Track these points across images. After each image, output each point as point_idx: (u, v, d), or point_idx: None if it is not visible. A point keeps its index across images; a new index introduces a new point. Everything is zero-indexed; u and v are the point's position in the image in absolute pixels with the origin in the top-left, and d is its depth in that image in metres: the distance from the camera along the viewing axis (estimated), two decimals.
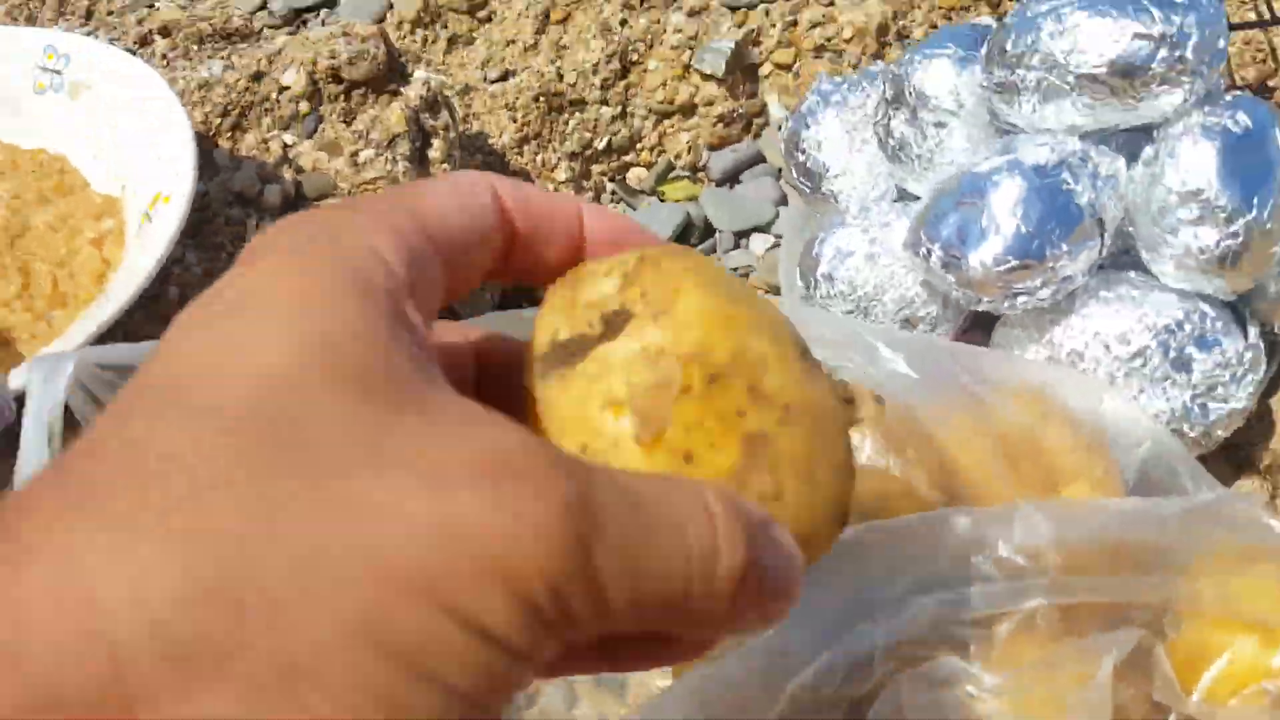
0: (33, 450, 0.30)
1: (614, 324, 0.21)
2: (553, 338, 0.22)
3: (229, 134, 0.59)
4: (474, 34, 0.79)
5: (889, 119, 0.60)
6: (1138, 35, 0.51)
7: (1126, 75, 0.52)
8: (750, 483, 0.21)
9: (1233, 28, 0.68)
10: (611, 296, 0.22)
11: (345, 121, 0.60)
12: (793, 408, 0.21)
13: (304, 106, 0.60)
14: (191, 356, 0.16)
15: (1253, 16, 0.70)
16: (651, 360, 0.21)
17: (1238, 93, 0.55)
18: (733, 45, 0.76)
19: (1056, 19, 0.52)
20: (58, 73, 0.53)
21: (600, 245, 0.23)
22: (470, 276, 0.21)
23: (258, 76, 0.61)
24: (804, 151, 0.66)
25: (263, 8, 0.85)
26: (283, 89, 0.60)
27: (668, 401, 0.20)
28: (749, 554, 0.18)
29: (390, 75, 0.63)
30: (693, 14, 0.80)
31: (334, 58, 0.61)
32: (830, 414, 0.23)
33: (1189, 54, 0.52)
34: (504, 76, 0.76)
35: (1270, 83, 0.69)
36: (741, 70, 0.78)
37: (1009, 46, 0.54)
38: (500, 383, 0.23)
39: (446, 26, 0.79)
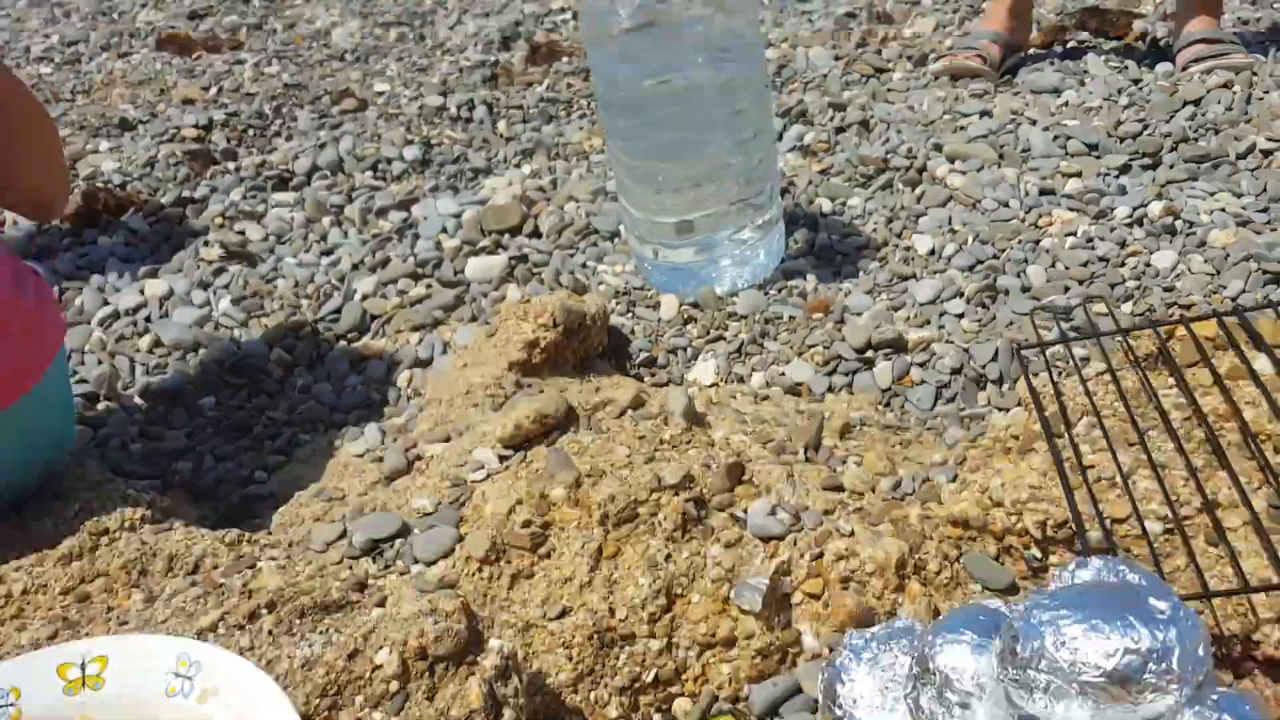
0: None
1: None
2: None
3: (325, 714, 0.66)
4: (535, 568, 0.89)
5: (918, 693, 0.67)
6: (1128, 650, 0.59)
7: (1122, 684, 0.59)
8: None
9: (1213, 594, 0.77)
10: None
11: (429, 698, 0.67)
12: None
13: (394, 685, 0.67)
14: None
15: None
16: None
17: (1221, 690, 0.62)
18: (766, 583, 0.85)
19: (1056, 630, 0.61)
20: (189, 679, 0.61)
21: None
22: None
23: (354, 654, 0.69)
24: (841, 706, 0.72)
25: (342, 536, 0.96)
26: (376, 668, 0.68)
27: None
28: None
29: (470, 646, 0.71)
30: (729, 545, 0.90)
31: (422, 636, 0.69)
32: None
33: (1174, 665, 0.59)
34: (562, 614, 0.85)
35: (1254, 636, 0.76)
36: (776, 601, 0.86)
37: (1019, 649, 0.61)
38: None
39: (510, 562, 0.89)
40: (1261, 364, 0.91)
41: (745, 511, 0.94)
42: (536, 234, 1.56)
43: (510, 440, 1.02)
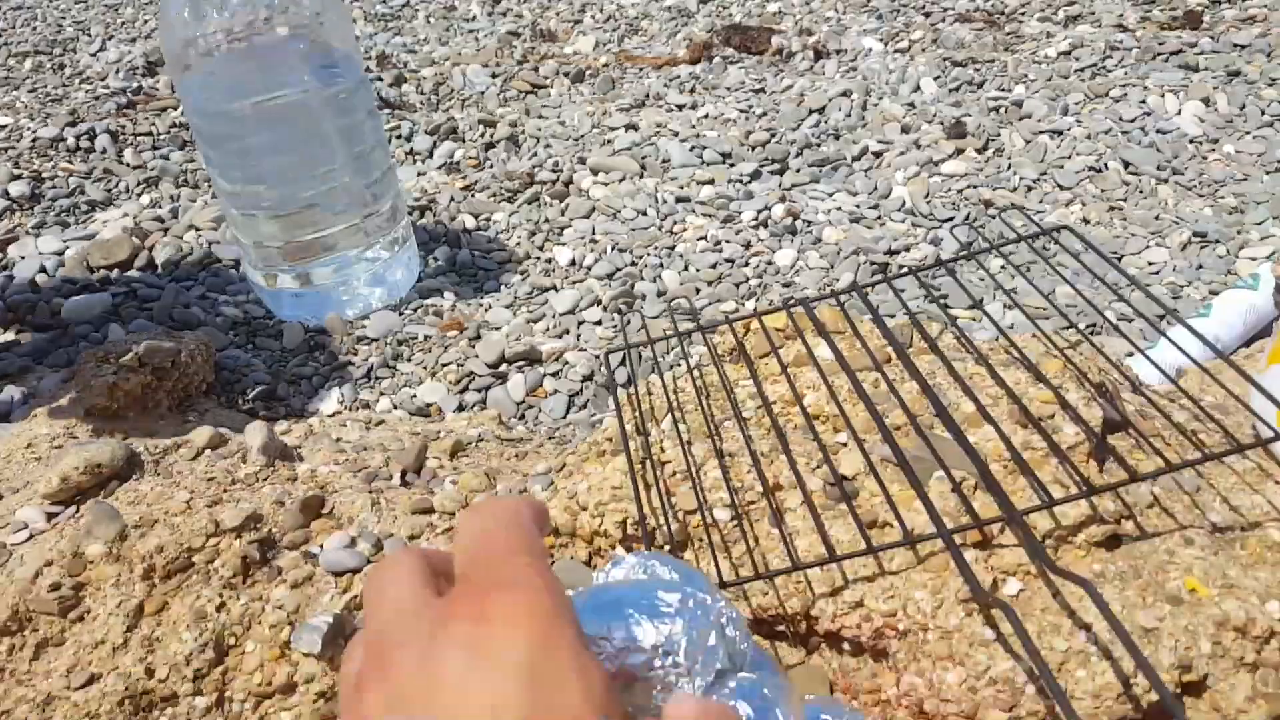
0: None
1: None
2: None
3: None
4: (65, 635, 0.78)
5: None
6: (633, 648, 0.56)
7: (631, 680, 0.56)
8: None
9: (765, 575, 0.77)
10: None
11: None
12: None
13: None
14: None
15: None
16: None
17: (742, 676, 0.61)
18: (330, 619, 0.78)
19: None
20: None
21: None
22: None
23: None
24: None
25: None
26: None
27: None
28: None
29: None
30: (296, 585, 0.82)
31: None
32: None
33: (681, 658, 0.57)
34: (89, 681, 0.75)
35: (811, 611, 0.77)
36: (344, 638, 0.80)
37: None
38: None
39: (37, 630, 0.78)
40: (823, 350, 0.93)
41: (321, 547, 0.87)
42: (150, 267, 1.43)
43: (58, 495, 0.90)
